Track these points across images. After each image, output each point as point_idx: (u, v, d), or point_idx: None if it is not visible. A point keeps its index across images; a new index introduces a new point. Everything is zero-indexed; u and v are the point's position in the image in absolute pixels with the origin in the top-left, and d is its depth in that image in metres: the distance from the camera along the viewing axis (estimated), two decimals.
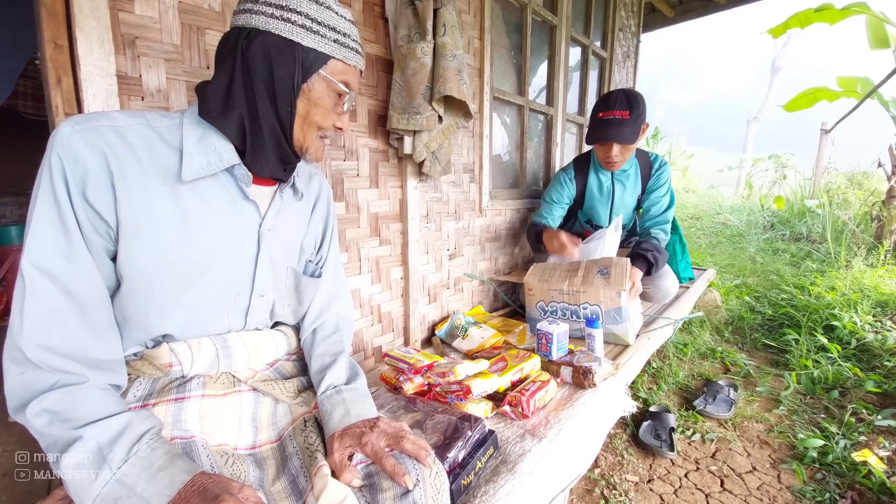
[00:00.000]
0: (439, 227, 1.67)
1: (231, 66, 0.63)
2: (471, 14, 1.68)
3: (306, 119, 0.67)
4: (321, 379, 0.75)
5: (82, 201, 0.55)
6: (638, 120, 1.59)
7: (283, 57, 0.62)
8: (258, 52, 0.61)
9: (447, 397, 1.04)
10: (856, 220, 4.24)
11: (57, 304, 0.54)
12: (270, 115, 0.64)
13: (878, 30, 3.43)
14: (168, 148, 0.62)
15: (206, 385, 0.68)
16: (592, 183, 1.82)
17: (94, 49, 0.82)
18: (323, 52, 0.64)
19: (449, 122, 1.39)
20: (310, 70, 0.64)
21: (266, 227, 0.71)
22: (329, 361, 0.78)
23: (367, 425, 0.67)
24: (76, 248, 0.55)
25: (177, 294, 0.64)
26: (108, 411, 0.54)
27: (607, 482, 1.39)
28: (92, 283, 0.57)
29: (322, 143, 0.72)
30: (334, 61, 0.65)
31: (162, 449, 0.54)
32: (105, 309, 0.59)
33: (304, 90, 0.65)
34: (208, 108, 0.64)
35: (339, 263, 0.92)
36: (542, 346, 1.27)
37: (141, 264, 0.60)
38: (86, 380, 0.55)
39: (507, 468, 0.84)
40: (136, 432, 0.54)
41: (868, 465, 1.39)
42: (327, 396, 0.72)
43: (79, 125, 0.56)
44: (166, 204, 0.61)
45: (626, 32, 3.01)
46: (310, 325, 0.84)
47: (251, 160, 0.67)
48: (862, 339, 2.20)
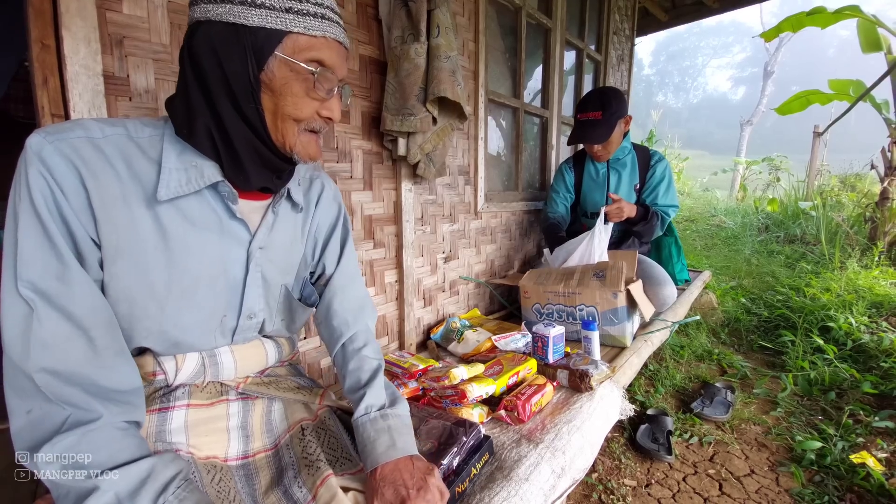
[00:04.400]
0: (434, 229, 1.66)
1: (183, 72, 0.55)
2: (465, 16, 1.68)
3: (277, 114, 0.57)
4: (360, 397, 0.69)
5: (71, 217, 0.51)
6: (611, 119, 1.71)
7: (230, 46, 0.52)
8: (204, 48, 0.53)
9: (442, 402, 1.02)
10: (849, 222, 4.26)
11: (60, 329, 0.49)
12: (235, 118, 0.56)
13: (871, 33, 3.46)
14: (148, 161, 0.55)
15: (192, 394, 0.65)
16: (589, 171, 1.94)
17: (80, 48, 0.81)
18: (274, 28, 0.52)
19: (443, 124, 1.38)
20: (263, 54, 0.53)
21: (256, 246, 0.64)
22: (366, 379, 0.72)
23: (414, 483, 0.61)
24: (70, 268, 0.50)
25: (161, 318, 0.59)
26: (128, 456, 0.49)
27: (605, 487, 1.38)
28: (93, 304, 0.52)
29: (311, 138, 0.62)
30: (293, 36, 0.54)
31: (191, 499, 0.49)
32: (112, 332, 0.53)
33: (263, 80, 0.54)
34: (178, 125, 0.57)
35: (359, 270, 0.84)
36: (539, 349, 1.26)
37: (124, 288, 0.55)
38: (99, 416, 0.49)
39: (503, 474, 0.82)
40: (161, 481, 0.49)
41: (866, 466, 1.38)
42: (370, 420, 0.67)
43: (50, 136, 0.50)
44: (147, 223, 0.55)
45: (620, 36, 3.02)
46: (339, 339, 0.76)
47: (232, 174, 0.59)
48: (858, 340, 2.20)
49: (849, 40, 37.15)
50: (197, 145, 0.57)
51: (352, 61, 1.29)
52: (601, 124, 1.71)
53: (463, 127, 1.72)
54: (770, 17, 38.48)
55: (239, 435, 0.66)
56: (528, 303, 1.60)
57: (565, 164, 2.02)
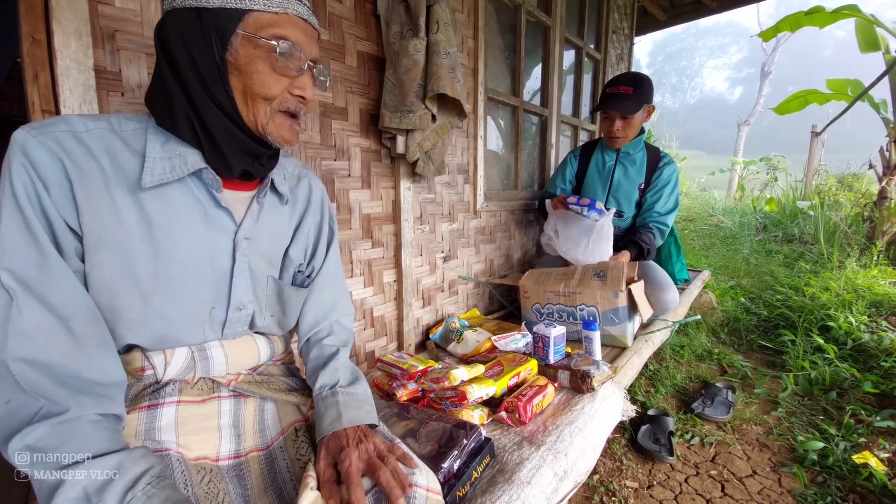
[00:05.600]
0: (433, 228, 1.64)
1: (157, 62, 0.58)
2: (464, 13, 1.66)
3: (246, 94, 0.58)
4: (314, 381, 0.72)
5: (50, 208, 0.51)
6: (641, 97, 1.69)
7: (195, 30, 0.55)
8: (173, 35, 0.55)
9: (442, 404, 1.01)
10: (847, 221, 4.27)
11: (40, 319, 0.49)
12: (207, 102, 0.57)
13: (869, 32, 3.47)
14: (132, 153, 0.57)
15: (183, 391, 0.64)
16: (595, 161, 1.92)
17: (71, 42, 0.79)
18: (233, 6, 0.54)
19: (443, 122, 1.37)
20: (225, 33, 0.55)
21: (242, 236, 0.65)
22: (322, 363, 0.74)
23: (355, 438, 0.62)
24: (49, 258, 0.51)
25: (146, 309, 0.58)
26: (98, 448, 0.48)
27: (606, 489, 1.36)
28: (72, 294, 0.52)
29: (285, 119, 0.62)
30: (254, 14, 0.55)
31: (160, 496, 0.47)
32: (93, 323, 0.53)
33: (229, 61, 0.56)
34: (159, 116, 0.59)
35: (340, 270, 0.86)
36: (539, 349, 1.24)
37: (105, 277, 0.55)
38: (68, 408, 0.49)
39: (505, 478, 0.80)
40: (130, 476, 0.47)
41: (869, 467, 1.37)
42: (322, 397, 0.69)
43: (35, 130, 0.51)
44: (130, 213, 0.56)
45: (619, 35, 3.01)
46: (305, 335, 0.80)
47: (213, 160, 0.60)
48: (858, 339, 2.20)
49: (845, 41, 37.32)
50: (178, 133, 0.58)
51: (350, 58, 1.27)
52: (631, 98, 1.68)
53: (462, 125, 1.70)
54: (767, 17, 38.72)
55: (231, 434, 0.65)
56: (528, 303, 1.59)
57: (572, 153, 2.00)
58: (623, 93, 1.68)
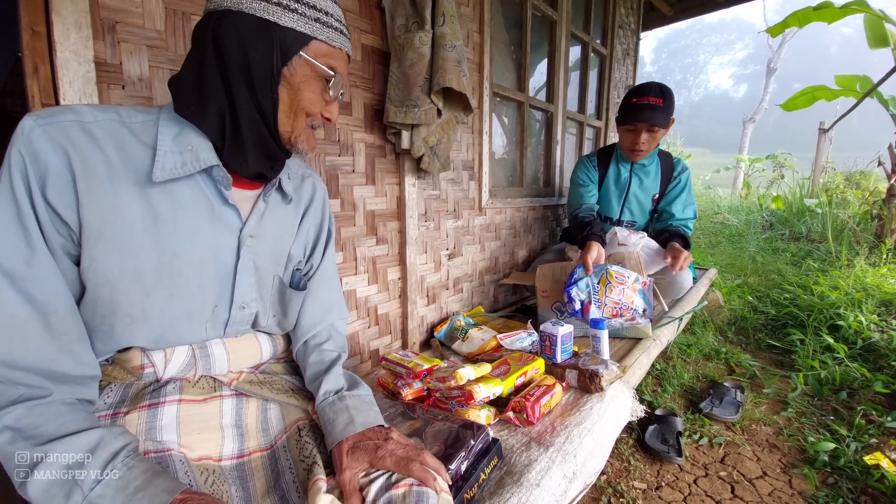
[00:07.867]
0: (438, 225, 1.62)
1: (202, 53, 0.57)
2: (470, 7, 1.64)
3: (292, 107, 0.61)
4: (318, 385, 0.70)
5: (42, 202, 0.51)
6: (669, 109, 1.65)
7: (259, 38, 0.56)
8: (231, 34, 0.56)
9: (448, 403, 0.99)
10: (855, 219, 4.22)
11: (20, 312, 0.49)
12: (249, 104, 0.59)
13: (878, 28, 3.41)
14: (141, 146, 0.56)
15: (184, 389, 0.63)
16: (611, 172, 1.87)
17: (70, 34, 0.77)
18: (303, 32, 0.58)
19: (448, 117, 1.34)
20: (289, 52, 0.58)
21: (248, 233, 0.65)
22: (325, 368, 0.73)
23: (379, 436, 0.62)
24: (38, 252, 0.51)
25: (146, 305, 0.58)
26: (77, 427, 0.49)
27: (614, 490, 1.34)
28: (56, 290, 0.52)
29: (311, 133, 0.66)
30: (317, 42, 0.60)
31: (140, 467, 0.49)
32: (71, 319, 0.54)
33: (284, 75, 0.59)
34: (184, 102, 0.59)
35: (336, 272, 0.86)
36: (546, 348, 1.22)
37: (105, 272, 0.55)
38: (50, 393, 0.50)
39: (513, 479, 0.79)
40: (110, 450, 0.49)
41: (881, 468, 1.35)
42: (329, 403, 0.68)
43: (41, 119, 0.51)
44: (135, 207, 0.55)
45: (625, 30, 2.98)
46: (302, 337, 0.79)
47: (232, 158, 0.61)
48: (868, 338, 2.16)
49: (851, 38, 36.99)
50: (200, 122, 0.59)
51: (354, 51, 1.25)
52: (662, 110, 1.62)
53: (468, 120, 1.68)
54: (772, 14, 38.35)
55: (233, 433, 0.64)
56: (546, 302, 1.58)
57: (588, 158, 1.92)
58: (654, 104, 1.61)
